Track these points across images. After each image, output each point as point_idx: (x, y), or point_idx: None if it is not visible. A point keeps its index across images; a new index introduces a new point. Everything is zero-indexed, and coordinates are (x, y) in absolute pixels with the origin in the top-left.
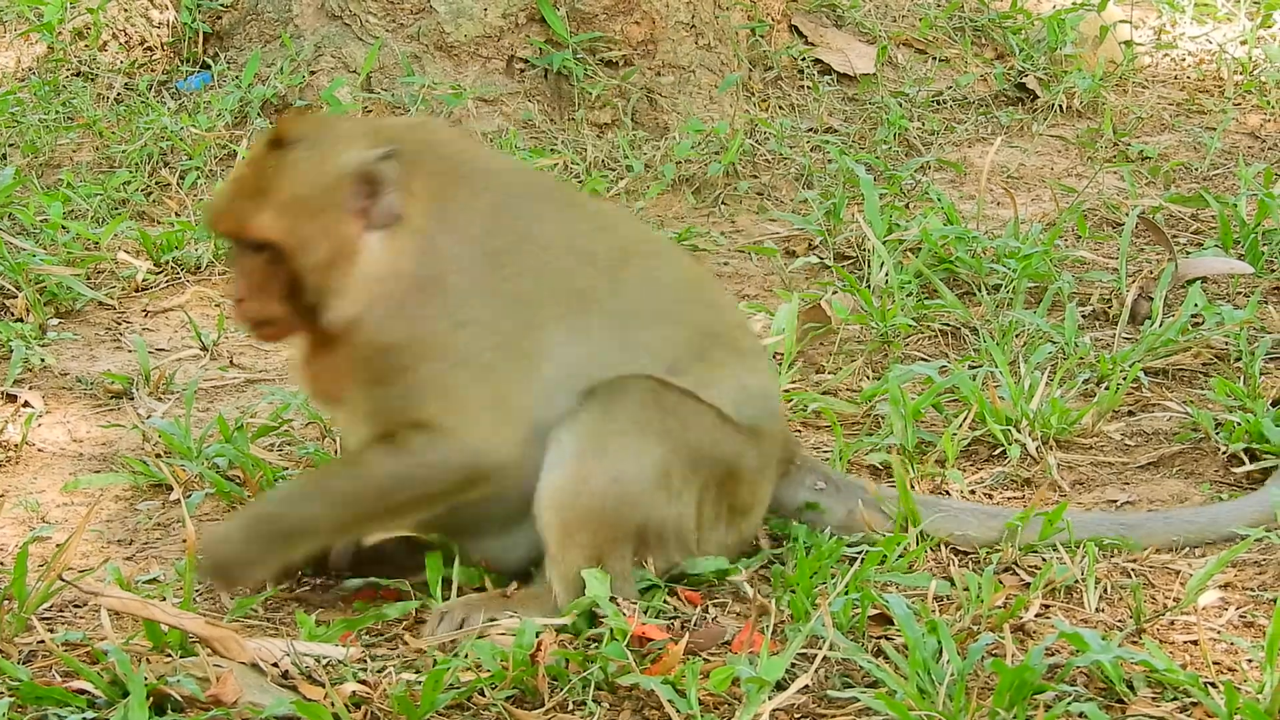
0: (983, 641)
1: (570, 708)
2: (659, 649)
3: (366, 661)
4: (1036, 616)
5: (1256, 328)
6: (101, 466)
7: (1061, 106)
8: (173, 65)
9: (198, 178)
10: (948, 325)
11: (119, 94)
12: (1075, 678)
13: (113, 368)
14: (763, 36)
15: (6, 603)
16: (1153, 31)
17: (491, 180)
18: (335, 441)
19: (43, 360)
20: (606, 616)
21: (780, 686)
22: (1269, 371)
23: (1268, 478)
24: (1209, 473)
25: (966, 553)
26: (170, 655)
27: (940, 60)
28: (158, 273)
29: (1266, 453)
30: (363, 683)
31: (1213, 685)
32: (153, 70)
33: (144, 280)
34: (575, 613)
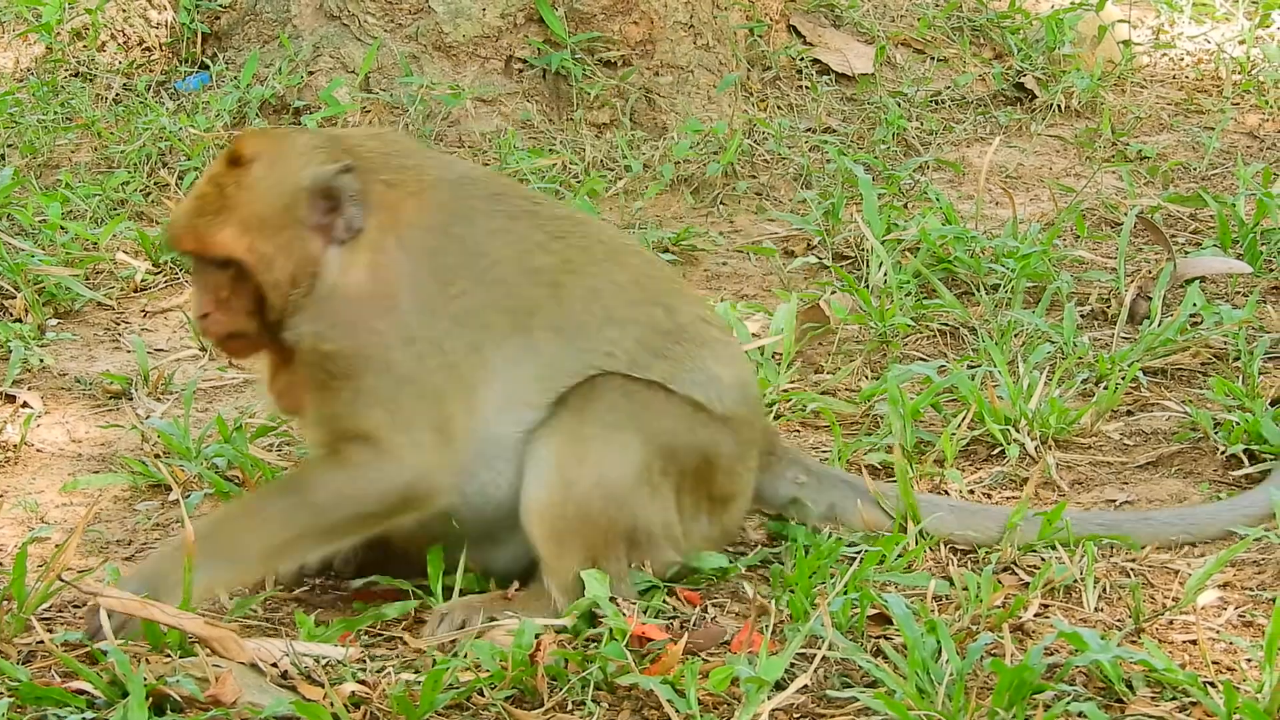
0: (982, 641)
1: (569, 708)
2: (658, 649)
3: (366, 661)
4: (1035, 616)
5: (1255, 327)
6: (100, 467)
7: (1060, 106)
8: (171, 66)
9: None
10: (946, 325)
11: (117, 94)
12: (1074, 677)
13: (111, 368)
14: (761, 36)
15: (6, 603)
16: (1151, 31)
17: (446, 191)
18: None
19: (41, 361)
20: (606, 616)
21: (779, 686)
22: (1267, 371)
23: (1266, 478)
24: (1208, 472)
25: (966, 552)
26: (169, 655)
27: (938, 60)
28: (156, 273)
29: (1266, 453)
30: (362, 683)
31: (1212, 685)
32: (151, 71)
33: (143, 281)
34: (575, 614)
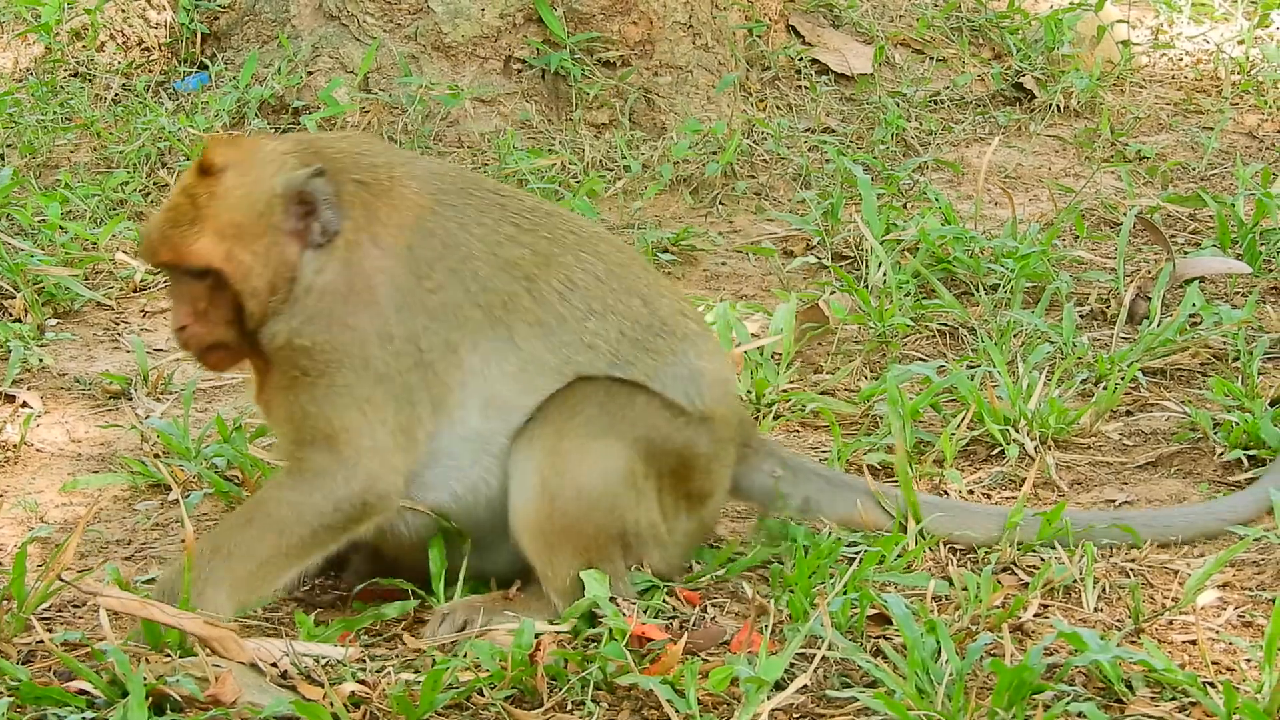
0: (981, 641)
1: (569, 708)
2: (658, 649)
3: (365, 661)
4: (1035, 616)
5: (1254, 327)
6: (100, 467)
7: (1059, 106)
8: (170, 66)
9: None
10: (946, 325)
11: (117, 95)
12: (1074, 677)
13: (111, 368)
14: (760, 36)
15: (6, 603)
16: (1150, 31)
17: (417, 186)
18: None
19: (41, 361)
20: (605, 616)
21: (779, 686)
22: (1267, 371)
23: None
24: (1207, 472)
25: (965, 552)
26: (169, 655)
27: (937, 60)
28: (156, 273)
29: (1265, 457)
30: (362, 683)
31: (1211, 685)
32: (150, 71)
33: (142, 281)
34: (575, 615)
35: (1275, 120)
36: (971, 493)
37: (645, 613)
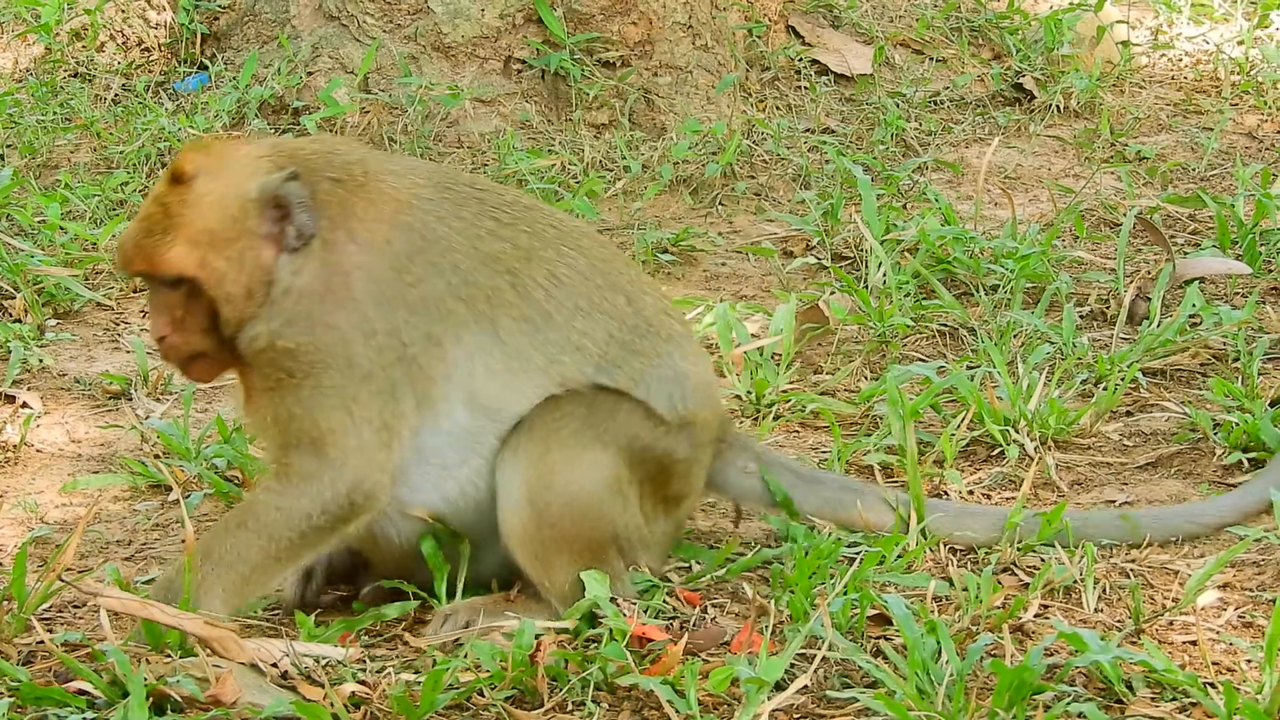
0: (982, 642)
1: (569, 708)
2: (658, 649)
3: (366, 662)
4: (1035, 617)
5: (1254, 328)
6: (100, 467)
7: (1059, 107)
8: (170, 66)
9: None
10: (946, 326)
11: (116, 95)
12: (1074, 678)
13: (111, 368)
14: (760, 37)
15: (6, 603)
16: (1150, 32)
17: (392, 182)
18: None
19: (41, 361)
20: (606, 617)
21: (779, 687)
22: (1267, 371)
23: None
24: (1207, 473)
25: (965, 553)
26: (170, 656)
27: (937, 61)
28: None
29: (1265, 458)
30: (362, 683)
31: (1212, 685)
32: (150, 71)
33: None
34: (576, 617)
35: (1275, 121)
36: (971, 493)
37: (645, 613)
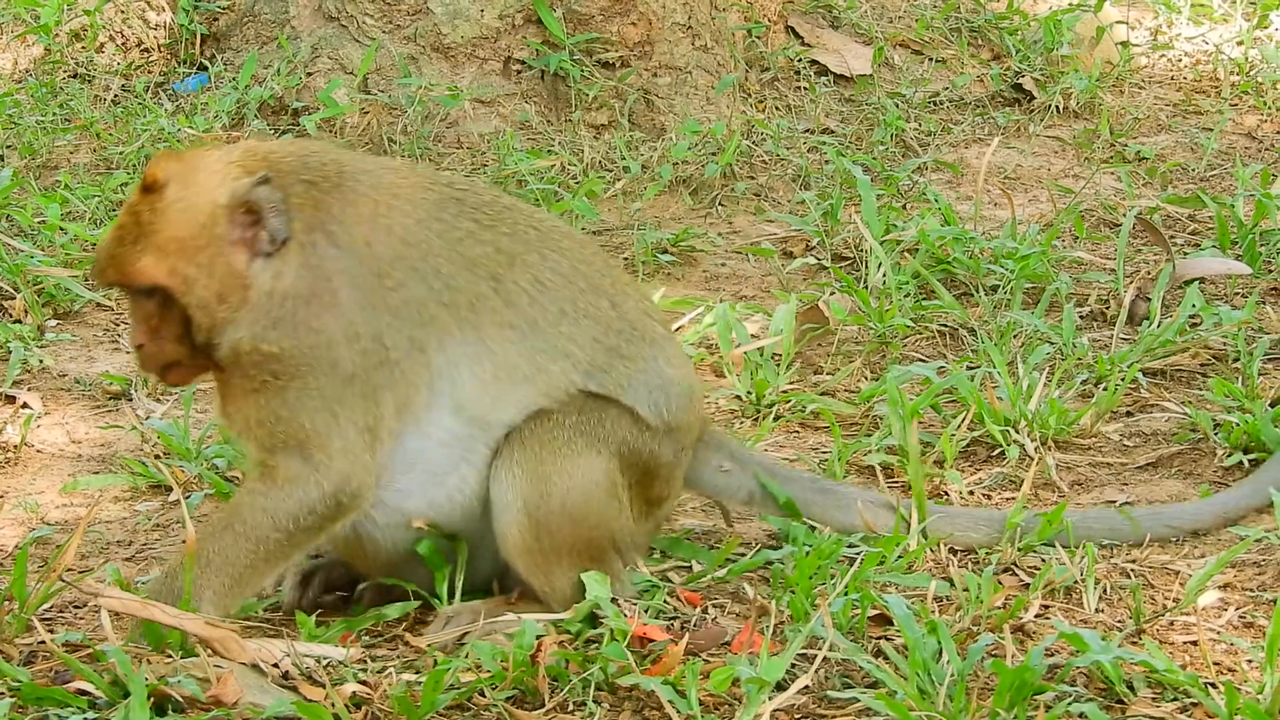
0: (983, 642)
1: (570, 708)
2: (659, 650)
3: (367, 662)
4: (1036, 617)
5: (1254, 328)
6: (100, 467)
7: (1058, 107)
8: (170, 67)
9: None
10: (946, 326)
11: (116, 96)
12: (1075, 678)
13: (111, 369)
14: (759, 37)
15: (7, 603)
16: (1149, 32)
17: (368, 182)
18: None
19: (41, 361)
20: (607, 617)
21: (780, 687)
22: (1267, 372)
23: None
24: (1207, 473)
25: (966, 553)
26: (171, 656)
27: (937, 61)
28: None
29: (1265, 458)
30: (363, 683)
31: (1213, 686)
32: (150, 72)
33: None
34: (578, 618)
35: (1274, 121)
36: (972, 494)
37: (646, 613)
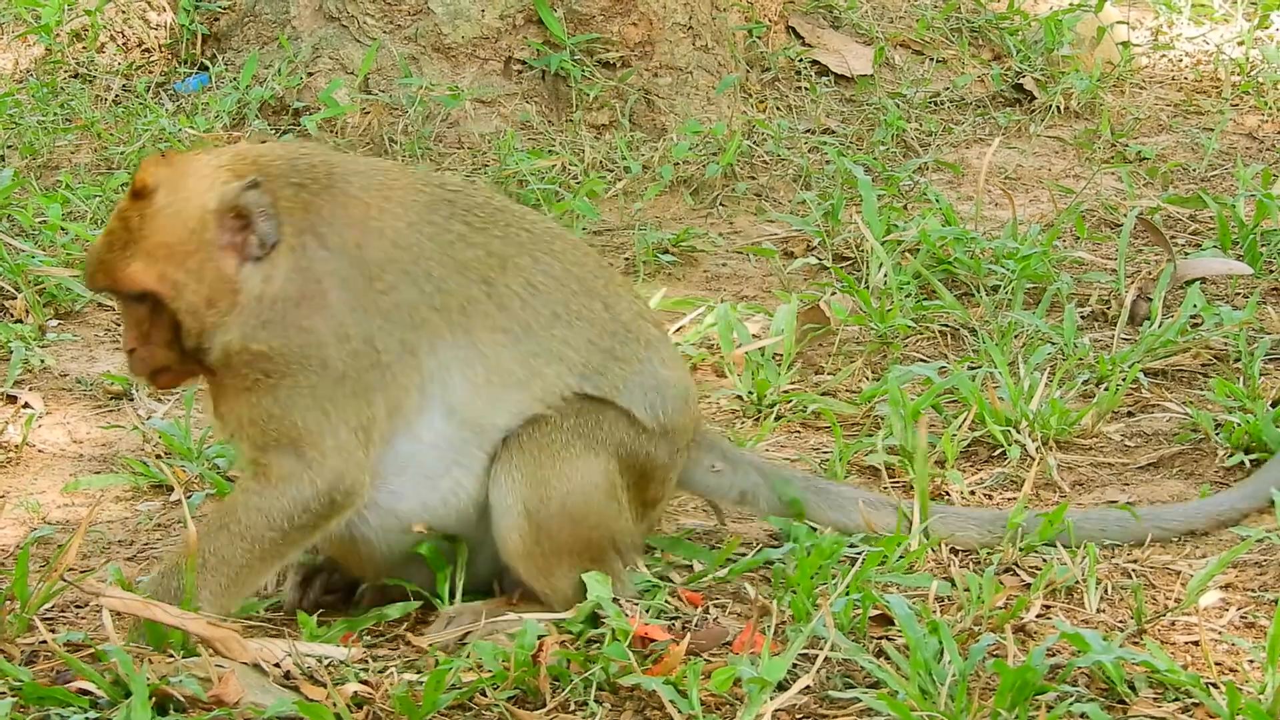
0: (984, 642)
1: (572, 708)
2: (660, 649)
3: (368, 662)
4: (1037, 617)
5: (1256, 328)
6: (102, 467)
7: (1059, 107)
8: (170, 67)
9: None
10: (947, 326)
11: (117, 96)
12: (1077, 678)
13: (112, 369)
14: (760, 38)
15: (9, 603)
16: (1150, 32)
17: (358, 184)
18: None
19: (42, 361)
20: (608, 617)
21: (782, 687)
22: (1268, 372)
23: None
24: (1209, 473)
25: (967, 553)
26: (172, 655)
27: (937, 61)
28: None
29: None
30: (365, 683)
31: (1214, 686)
32: (150, 72)
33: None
34: (580, 618)
35: (1275, 121)
36: (973, 494)
37: (647, 613)
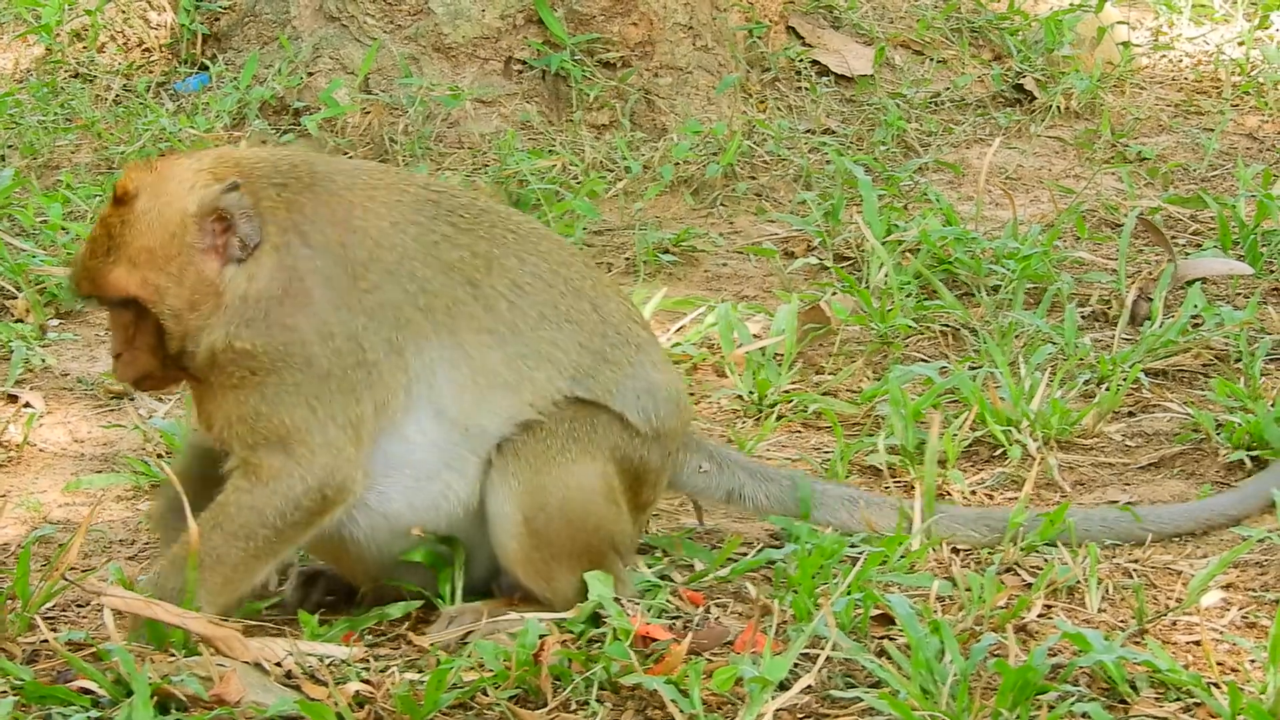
0: (985, 642)
1: (573, 707)
2: (662, 649)
3: (370, 661)
4: (1039, 617)
5: (1256, 328)
6: (103, 467)
7: (1059, 108)
8: (171, 67)
9: None
10: (947, 326)
11: (117, 95)
12: (1078, 678)
13: None
14: (760, 38)
15: (10, 602)
16: (1150, 33)
17: (342, 183)
18: None
19: (43, 361)
20: (610, 617)
21: (783, 687)
22: (1269, 372)
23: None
24: (1210, 473)
25: (969, 553)
26: (174, 655)
27: (938, 61)
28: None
29: (1268, 457)
30: (366, 682)
31: (1215, 686)
32: (151, 72)
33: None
34: (581, 617)
35: (1276, 122)
36: (974, 493)
37: (649, 613)
